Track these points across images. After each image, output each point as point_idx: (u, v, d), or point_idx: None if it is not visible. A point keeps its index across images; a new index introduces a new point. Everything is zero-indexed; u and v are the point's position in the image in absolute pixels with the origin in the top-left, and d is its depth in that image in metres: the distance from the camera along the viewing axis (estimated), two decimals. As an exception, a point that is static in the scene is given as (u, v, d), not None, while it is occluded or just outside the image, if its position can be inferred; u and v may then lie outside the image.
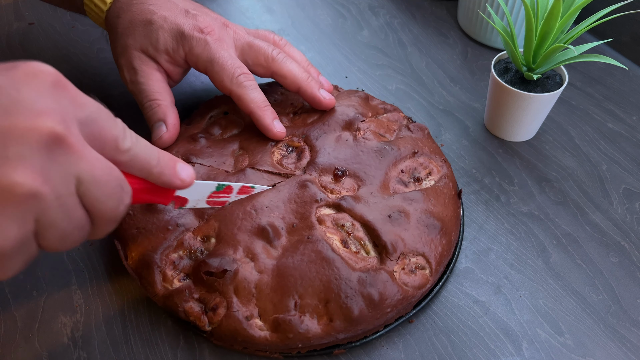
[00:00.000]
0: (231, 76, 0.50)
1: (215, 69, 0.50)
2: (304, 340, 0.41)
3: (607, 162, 0.57)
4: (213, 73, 0.50)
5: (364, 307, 0.41)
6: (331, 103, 0.53)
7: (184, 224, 0.46)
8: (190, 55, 0.50)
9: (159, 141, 0.51)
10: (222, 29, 0.52)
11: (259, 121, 0.50)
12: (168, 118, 0.51)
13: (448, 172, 0.51)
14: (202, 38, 0.50)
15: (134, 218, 0.46)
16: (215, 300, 0.42)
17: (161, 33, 0.50)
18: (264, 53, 0.52)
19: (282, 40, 0.57)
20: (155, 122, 0.51)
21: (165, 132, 0.50)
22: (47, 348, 0.44)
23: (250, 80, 0.51)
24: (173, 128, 0.51)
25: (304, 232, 0.44)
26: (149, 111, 0.51)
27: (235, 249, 0.43)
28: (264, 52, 0.52)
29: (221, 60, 0.50)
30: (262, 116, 0.50)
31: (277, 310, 0.41)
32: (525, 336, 0.45)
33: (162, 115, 0.51)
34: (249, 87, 0.50)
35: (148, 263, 0.44)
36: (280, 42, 0.56)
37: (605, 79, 0.66)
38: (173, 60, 0.51)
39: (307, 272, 0.42)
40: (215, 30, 0.51)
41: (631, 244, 0.50)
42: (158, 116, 0.51)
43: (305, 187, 0.47)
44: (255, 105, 0.50)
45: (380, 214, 0.45)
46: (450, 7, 0.77)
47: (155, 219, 0.46)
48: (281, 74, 0.52)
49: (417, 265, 0.45)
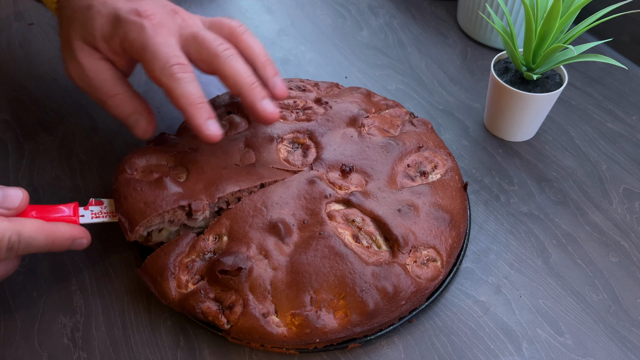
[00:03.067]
0: (162, 65, 0.43)
1: (147, 57, 0.44)
2: (321, 335, 0.41)
3: (607, 162, 0.57)
4: (145, 61, 0.44)
5: (379, 300, 0.42)
6: (272, 117, 0.47)
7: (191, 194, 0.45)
8: (124, 41, 0.45)
9: (145, 134, 0.47)
10: (167, 15, 0.46)
11: (189, 120, 0.44)
12: (140, 108, 0.47)
13: (453, 165, 0.52)
14: (138, 22, 0.44)
15: (141, 193, 0.45)
16: (231, 299, 0.42)
17: (98, 18, 0.45)
18: (208, 47, 0.46)
19: (241, 27, 0.49)
20: (127, 116, 0.47)
21: (145, 122, 0.47)
22: (47, 348, 0.44)
23: (185, 72, 0.44)
24: (150, 115, 0.47)
25: (315, 228, 0.45)
26: (114, 109, 0.47)
27: (248, 247, 0.44)
28: (208, 46, 0.46)
29: (154, 46, 0.44)
30: (193, 114, 0.44)
31: (294, 306, 0.42)
32: (525, 336, 0.45)
33: (132, 107, 0.47)
34: (182, 80, 0.43)
35: (161, 270, 0.44)
36: (238, 30, 0.49)
37: (605, 78, 0.66)
38: (111, 48, 0.46)
39: (321, 267, 0.42)
40: (156, 15, 0.45)
41: (631, 243, 0.50)
42: (128, 110, 0.47)
43: (314, 183, 0.47)
44: (185, 101, 0.44)
45: (389, 208, 0.46)
46: (450, 7, 0.77)
47: (164, 194, 0.45)
48: (223, 73, 0.46)
49: (428, 257, 0.45)
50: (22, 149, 0.58)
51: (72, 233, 0.43)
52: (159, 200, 0.44)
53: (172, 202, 0.44)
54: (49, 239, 0.42)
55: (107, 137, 0.60)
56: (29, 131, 0.60)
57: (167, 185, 0.45)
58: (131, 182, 0.46)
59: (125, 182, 0.46)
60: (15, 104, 0.63)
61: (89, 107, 0.62)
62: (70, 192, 0.54)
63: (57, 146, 0.59)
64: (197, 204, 0.45)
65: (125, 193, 0.45)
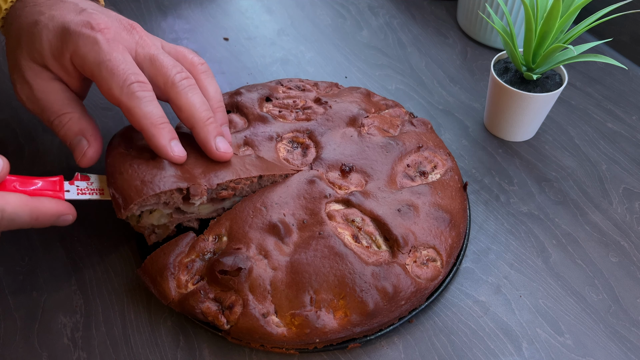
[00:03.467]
0: (122, 83, 0.40)
1: (103, 74, 0.40)
2: (321, 335, 0.41)
3: (607, 162, 0.57)
4: (100, 79, 0.41)
5: (379, 300, 0.42)
6: (224, 157, 0.45)
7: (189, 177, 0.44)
8: (75, 56, 0.41)
9: (83, 159, 0.44)
10: (123, 30, 0.43)
11: (151, 140, 0.42)
12: (86, 131, 0.44)
13: (453, 165, 0.52)
14: (90, 35, 0.41)
15: (138, 170, 0.43)
16: (231, 299, 0.42)
17: (45, 33, 0.41)
18: (165, 73, 0.43)
19: (203, 65, 0.47)
20: (72, 139, 0.44)
21: (87, 146, 0.44)
22: (47, 348, 0.44)
23: (145, 91, 0.41)
24: (95, 140, 0.44)
25: (314, 227, 0.45)
26: (60, 129, 0.44)
27: (248, 247, 0.44)
28: (165, 73, 0.43)
29: (111, 62, 0.40)
30: (155, 135, 0.42)
31: (293, 306, 0.42)
32: (525, 336, 0.45)
33: (78, 129, 0.43)
34: (142, 99, 0.41)
35: (161, 270, 0.43)
36: (200, 67, 0.47)
37: (605, 78, 0.66)
38: (61, 65, 0.42)
39: (321, 267, 0.42)
40: (110, 29, 0.42)
41: (631, 243, 0.50)
42: (73, 131, 0.43)
43: (314, 183, 0.47)
44: (148, 122, 0.41)
45: (389, 208, 0.46)
46: (450, 7, 0.77)
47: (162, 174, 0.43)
48: (178, 104, 0.43)
49: (428, 257, 0.45)
50: (22, 149, 0.58)
51: (57, 209, 0.41)
52: (156, 180, 0.42)
53: (170, 184, 0.42)
54: (33, 214, 0.39)
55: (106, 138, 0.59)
56: (29, 131, 0.60)
57: (165, 166, 0.43)
58: (127, 158, 0.44)
59: (120, 157, 0.44)
60: (15, 104, 0.63)
61: (89, 108, 0.62)
62: (70, 192, 0.54)
63: (57, 146, 0.59)
64: (195, 189, 0.43)
65: (120, 168, 0.43)
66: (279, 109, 0.54)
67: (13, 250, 0.50)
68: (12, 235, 0.51)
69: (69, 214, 0.42)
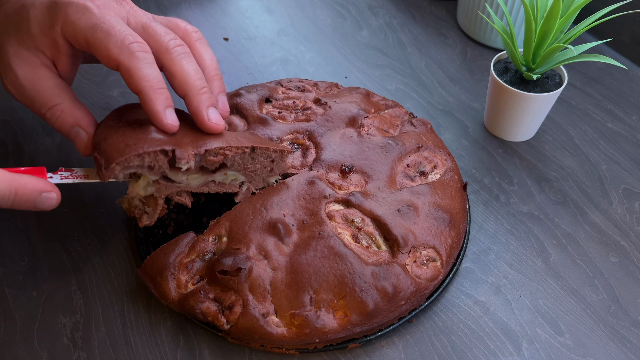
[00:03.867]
0: (120, 43, 0.39)
1: (98, 36, 0.39)
2: (321, 335, 0.41)
3: (607, 162, 0.57)
4: (96, 42, 0.39)
5: (379, 300, 0.42)
6: (216, 128, 0.43)
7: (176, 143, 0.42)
8: (66, 25, 0.39)
9: (87, 150, 0.43)
10: (112, 1, 0.42)
11: (147, 105, 0.40)
12: (81, 120, 0.42)
13: (453, 165, 0.52)
14: (80, 3, 0.39)
15: (122, 135, 0.41)
16: (231, 299, 0.42)
17: (32, 12, 0.40)
18: (158, 40, 0.41)
19: (197, 33, 0.46)
20: (69, 130, 0.43)
21: (87, 137, 0.43)
22: (46, 348, 0.44)
23: (145, 52, 0.40)
24: (92, 128, 0.43)
25: (314, 228, 0.45)
26: (54, 122, 0.42)
27: (248, 247, 0.44)
28: (159, 39, 0.41)
29: (105, 24, 0.39)
30: (152, 99, 0.40)
31: (293, 306, 0.42)
32: (525, 336, 0.45)
33: (72, 119, 0.42)
34: (142, 60, 0.39)
35: (161, 270, 0.43)
36: (193, 35, 0.45)
37: (605, 78, 0.66)
38: (52, 40, 0.40)
39: (321, 267, 0.43)
40: None
41: (631, 243, 0.50)
42: (68, 122, 0.42)
43: (314, 184, 0.47)
44: (147, 84, 0.40)
45: (389, 208, 0.46)
46: (450, 7, 0.77)
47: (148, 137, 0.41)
48: (171, 70, 0.42)
49: (428, 257, 0.45)
50: (22, 149, 0.58)
51: (38, 185, 0.39)
52: (141, 142, 0.40)
53: (155, 145, 0.40)
54: (12, 187, 0.37)
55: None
56: (29, 131, 0.60)
57: (152, 131, 0.41)
58: (113, 128, 0.42)
59: (107, 127, 0.43)
60: (15, 104, 0.63)
61: (89, 108, 0.62)
62: (70, 192, 0.54)
63: (57, 146, 0.59)
64: (181, 152, 0.41)
65: (105, 136, 0.42)
66: (278, 110, 0.54)
67: (13, 250, 0.50)
68: (12, 235, 0.51)
69: (51, 191, 0.40)
